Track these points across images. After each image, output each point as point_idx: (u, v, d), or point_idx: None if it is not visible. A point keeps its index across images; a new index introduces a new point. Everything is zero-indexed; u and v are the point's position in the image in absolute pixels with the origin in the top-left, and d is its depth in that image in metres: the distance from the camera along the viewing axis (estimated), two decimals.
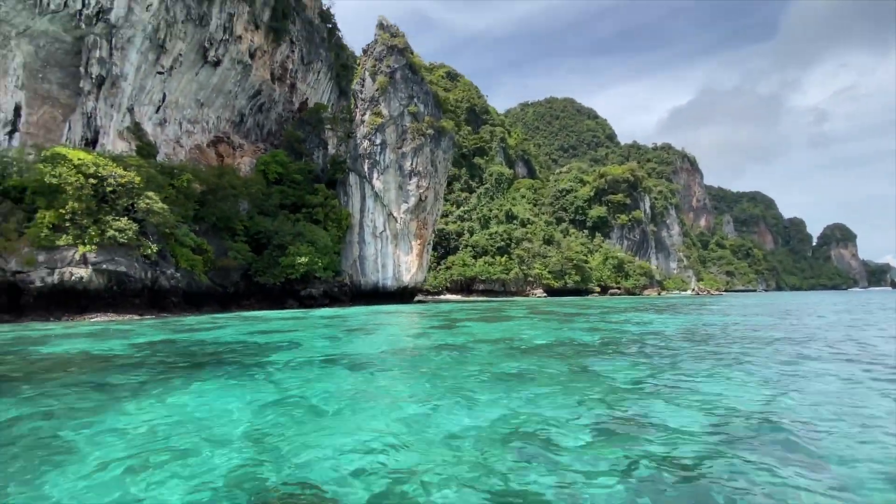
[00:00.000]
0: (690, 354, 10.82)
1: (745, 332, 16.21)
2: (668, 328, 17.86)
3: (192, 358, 10.56)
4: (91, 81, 32.70)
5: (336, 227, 42.96)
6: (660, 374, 8.46)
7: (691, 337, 14.61)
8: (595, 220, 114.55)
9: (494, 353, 10.86)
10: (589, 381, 8.00)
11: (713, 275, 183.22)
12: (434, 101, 47.67)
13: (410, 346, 13.04)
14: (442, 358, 10.33)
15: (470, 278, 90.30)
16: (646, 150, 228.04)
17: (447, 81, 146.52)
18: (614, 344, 12.84)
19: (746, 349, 11.54)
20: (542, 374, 8.45)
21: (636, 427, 5.38)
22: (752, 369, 8.80)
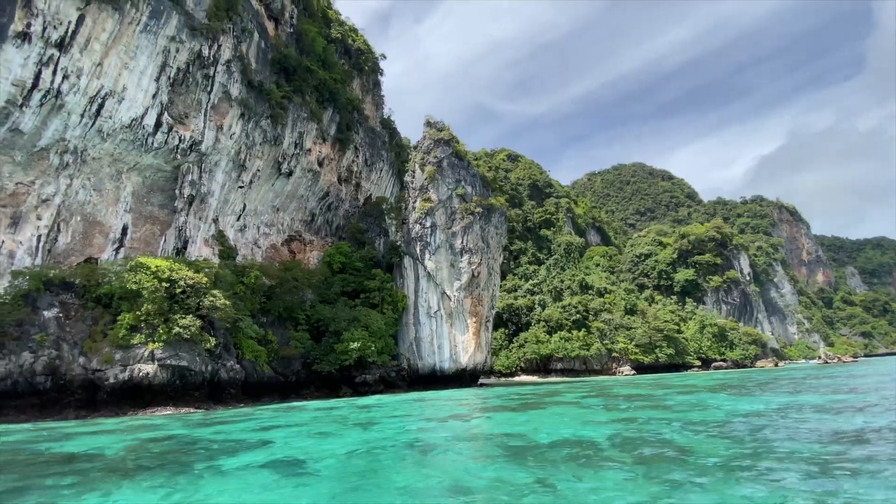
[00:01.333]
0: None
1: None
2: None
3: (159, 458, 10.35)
4: (184, 200, 38.69)
5: (392, 309, 43.55)
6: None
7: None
8: (683, 285, 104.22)
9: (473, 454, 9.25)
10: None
11: (846, 337, 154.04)
12: (482, 182, 49.11)
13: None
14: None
15: (545, 356, 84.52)
16: (734, 205, 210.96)
17: (508, 163, 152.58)
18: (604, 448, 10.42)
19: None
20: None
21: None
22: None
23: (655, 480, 6.51)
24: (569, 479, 7.15)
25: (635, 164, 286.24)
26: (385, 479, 7.45)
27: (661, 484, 6.31)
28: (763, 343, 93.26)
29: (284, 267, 41.21)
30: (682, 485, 6.25)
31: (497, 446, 10.14)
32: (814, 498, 5.40)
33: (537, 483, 6.99)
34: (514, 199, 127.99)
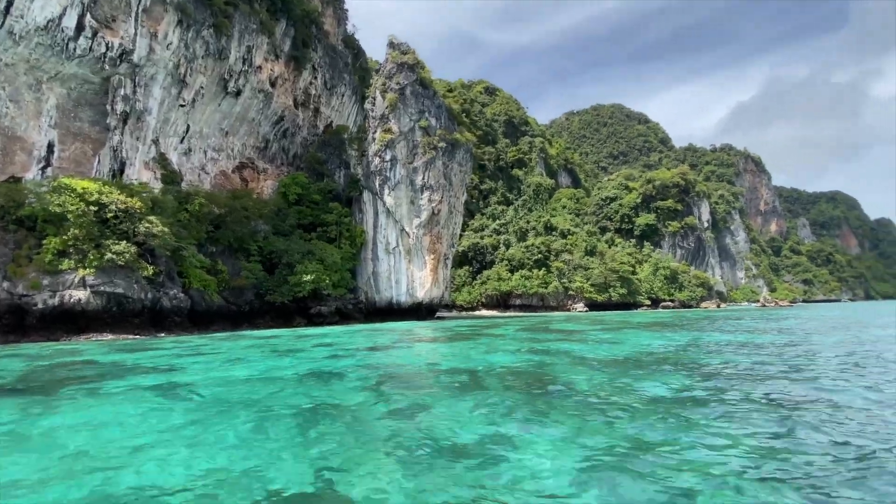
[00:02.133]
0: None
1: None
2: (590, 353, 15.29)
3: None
4: (117, 117, 35.37)
5: (350, 243, 43.08)
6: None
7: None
8: (643, 229, 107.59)
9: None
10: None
11: (788, 284, 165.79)
12: (447, 115, 47.05)
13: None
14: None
15: (505, 293, 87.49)
16: (703, 153, 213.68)
17: (485, 97, 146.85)
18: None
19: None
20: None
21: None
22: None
23: (496, 407, 6.76)
24: (425, 402, 7.34)
25: (614, 106, 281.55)
26: (250, 404, 7.47)
27: (497, 409, 6.59)
28: (710, 286, 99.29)
29: (234, 195, 39.40)
30: (514, 410, 6.51)
31: (390, 375, 10.38)
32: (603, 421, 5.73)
33: (396, 406, 7.16)
34: (487, 135, 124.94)
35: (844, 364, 10.34)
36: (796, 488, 3.85)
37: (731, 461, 4.54)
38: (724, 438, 5.16)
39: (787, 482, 4.01)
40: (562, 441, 5.28)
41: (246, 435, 5.78)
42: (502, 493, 3.90)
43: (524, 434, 5.51)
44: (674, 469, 4.34)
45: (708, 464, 4.46)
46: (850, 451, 4.70)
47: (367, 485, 4.15)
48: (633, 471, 4.30)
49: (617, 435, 5.38)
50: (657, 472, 4.27)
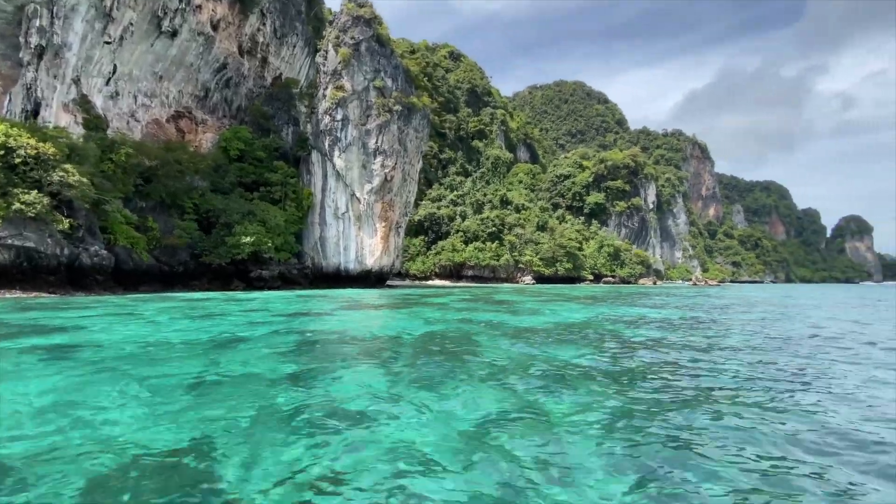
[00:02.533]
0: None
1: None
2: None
3: None
4: (31, 52, 31.34)
5: (296, 206, 41.58)
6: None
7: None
8: (592, 207, 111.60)
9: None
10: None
11: (719, 265, 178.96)
12: (405, 77, 45.49)
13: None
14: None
15: (459, 264, 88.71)
16: (655, 137, 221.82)
17: (450, 62, 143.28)
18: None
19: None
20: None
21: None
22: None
23: (401, 376, 6.95)
24: (330, 369, 7.42)
25: (576, 83, 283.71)
26: (147, 367, 7.22)
27: (402, 378, 6.78)
28: (648, 264, 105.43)
29: (167, 147, 36.55)
30: (418, 379, 6.73)
31: (310, 342, 10.35)
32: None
33: (301, 372, 7.18)
34: (449, 103, 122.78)
35: (727, 336, 11.52)
36: (642, 429, 4.27)
37: (601, 419, 4.95)
38: (608, 399, 5.60)
39: (633, 428, 4.42)
40: (452, 409, 5.51)
41: (129, 399, 5.58)
42: (378, 462, 4.01)
43: (420, 402, 5.68)
44: (547, 429, 4.66)
45: (588, 422, 4.84)
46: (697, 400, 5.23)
47: (243, 453, 4.13)
48: (509, 438, 4.56)
49: (507, 403, 5.68)
50: (533, 435, 4.56)
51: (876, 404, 5.86)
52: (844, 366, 8.27)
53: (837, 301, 34.64)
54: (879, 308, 25.75)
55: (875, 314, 20.96)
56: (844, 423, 5.06)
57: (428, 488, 3.49)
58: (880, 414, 5.47)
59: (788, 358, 9.08)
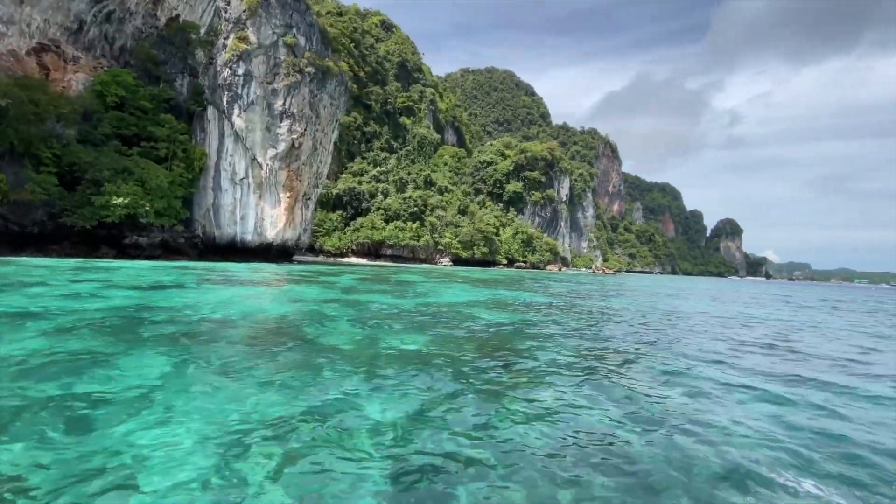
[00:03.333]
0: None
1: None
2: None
3: None
4: None
5: (186, 167, 37.16)
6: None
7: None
8: (511, 195, 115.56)
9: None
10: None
11: (618, 256, 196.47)
12: (321, 38, 42.33)
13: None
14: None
15: (378, 242, 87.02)
16: (574, 133, 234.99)
17: (381, 31, 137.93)
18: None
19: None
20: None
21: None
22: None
23: (189, 362, 6.16)
24: (109, 351, 6.39)
25: (506, 72, 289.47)
26: None
27: (193, 363, 6.02)
28: (556, 252, 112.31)
29: (21, 84, 30.40)
30: (211, 365, 6.00)
31: (119, 319, 9.02)
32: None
33: (70, 351, 6.07)
34: (377, 73, 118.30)
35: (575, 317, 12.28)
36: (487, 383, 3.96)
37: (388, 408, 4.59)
38: (407, 388, 5.31)
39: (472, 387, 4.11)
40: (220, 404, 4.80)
41: None
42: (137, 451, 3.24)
43: (190, 391, 4.92)
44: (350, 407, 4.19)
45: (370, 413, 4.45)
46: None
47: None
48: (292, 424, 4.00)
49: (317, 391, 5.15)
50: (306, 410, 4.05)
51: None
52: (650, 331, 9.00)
53: (695, 290, 39.51)
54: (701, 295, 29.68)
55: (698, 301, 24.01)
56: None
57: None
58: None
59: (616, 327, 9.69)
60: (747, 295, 38.47)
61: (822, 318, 18.87)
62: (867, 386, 6.81)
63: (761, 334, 12.37)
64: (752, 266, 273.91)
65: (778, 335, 12.38)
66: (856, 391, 6.42)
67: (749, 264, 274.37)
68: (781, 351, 9.74)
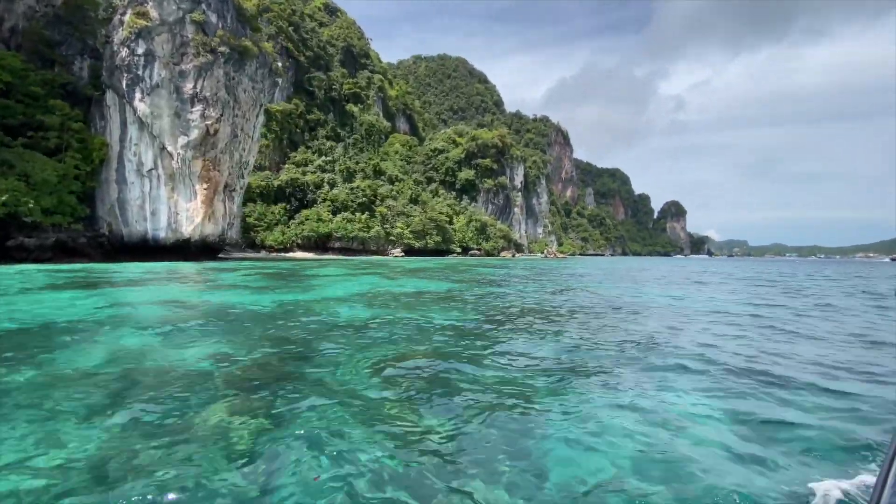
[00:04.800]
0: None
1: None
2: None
3: None
4: None
5: (83, 159, 33.40)
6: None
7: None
8: (463, 183, 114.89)
9: None
10: None
11: (572, 240, 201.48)
12: (236, 15, 39.08)
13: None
14: None
15: (325, 235, 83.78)
16: (527, 121, 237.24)
17: (324, 15, 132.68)
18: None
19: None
20: None
21: None
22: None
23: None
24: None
25: (458, 59, 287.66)
26: None
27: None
28: (510, 238, 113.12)
29: None
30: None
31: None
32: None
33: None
34: (319, 59, 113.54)
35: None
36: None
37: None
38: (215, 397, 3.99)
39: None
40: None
41: None
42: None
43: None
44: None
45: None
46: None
47: None
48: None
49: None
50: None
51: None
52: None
53: (632, 268, 40.24)
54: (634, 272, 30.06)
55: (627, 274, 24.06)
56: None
57: None
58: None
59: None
60: (691, 273, 36.44)
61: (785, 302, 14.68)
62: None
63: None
64: (695, 244, 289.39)
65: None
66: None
67: (693, 243, 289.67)
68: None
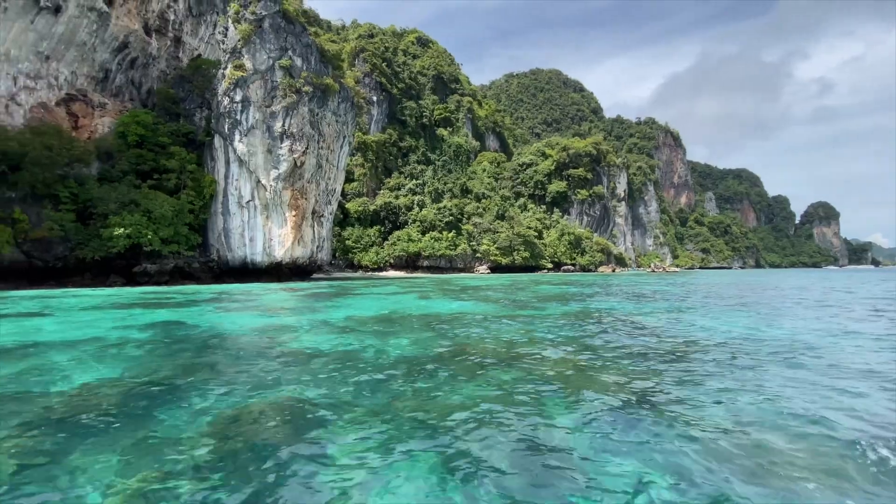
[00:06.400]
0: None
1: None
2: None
3: None
4: None
5: (197, 195, 38.87)
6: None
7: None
8: (554, 196, 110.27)
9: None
10: None
11: (689, 252, 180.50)
12: (319, 57, 42.77)
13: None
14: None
15: (414, 254, 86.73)
16: (629, 125, 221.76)
17: (417, 48, 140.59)
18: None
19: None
20: None
21: None
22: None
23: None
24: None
25: (552, 71, 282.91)
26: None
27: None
28: (609, 252, 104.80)
29: (35, 131, 33.46)
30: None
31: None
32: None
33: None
34: (411, 89, 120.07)
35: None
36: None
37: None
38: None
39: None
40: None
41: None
42: None
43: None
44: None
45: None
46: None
47: None
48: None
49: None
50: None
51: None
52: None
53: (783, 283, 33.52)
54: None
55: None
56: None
57: None
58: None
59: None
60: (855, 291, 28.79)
61: None
62: None
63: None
64: (854, 253, 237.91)
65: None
66: None
67: (851, 251, 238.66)
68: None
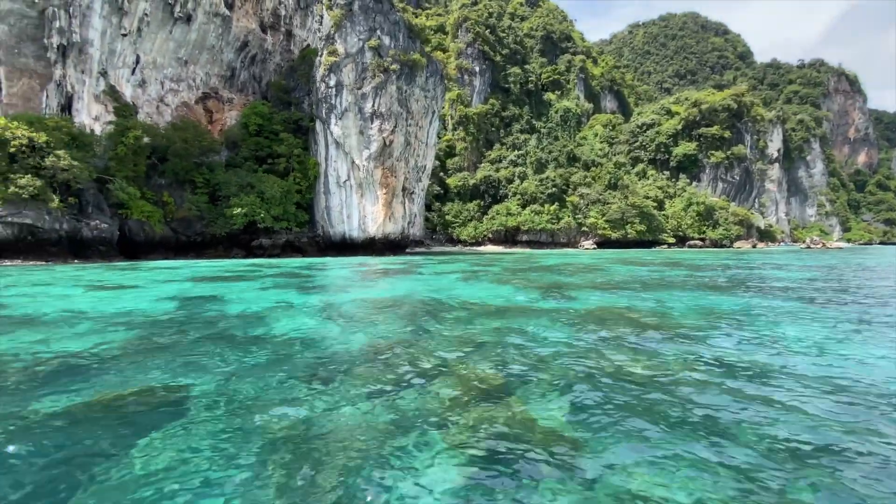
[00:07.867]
0: None
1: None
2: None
3: None
4: (55, 51, 35.88)
5: (303, 176, 42.68)
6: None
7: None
8: (681, 159, 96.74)
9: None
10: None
11: (867, 223, 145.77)
12: (406, 33, 42.75)
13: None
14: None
15: (513, 228, 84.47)
16: (788, 70, 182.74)
17: (525, 9, 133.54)
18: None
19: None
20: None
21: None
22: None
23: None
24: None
25: (687, 15, 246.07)
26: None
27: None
28: (750, 224, 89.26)
29: (175, 127, 39.63)
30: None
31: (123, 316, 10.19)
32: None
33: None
34: (516, 54, 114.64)
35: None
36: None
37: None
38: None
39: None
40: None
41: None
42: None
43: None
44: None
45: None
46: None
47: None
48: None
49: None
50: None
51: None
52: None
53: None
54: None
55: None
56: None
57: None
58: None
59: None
60: None
61: None
62: None
63: None
64: None
65: None
66: None
67: None
68: None
